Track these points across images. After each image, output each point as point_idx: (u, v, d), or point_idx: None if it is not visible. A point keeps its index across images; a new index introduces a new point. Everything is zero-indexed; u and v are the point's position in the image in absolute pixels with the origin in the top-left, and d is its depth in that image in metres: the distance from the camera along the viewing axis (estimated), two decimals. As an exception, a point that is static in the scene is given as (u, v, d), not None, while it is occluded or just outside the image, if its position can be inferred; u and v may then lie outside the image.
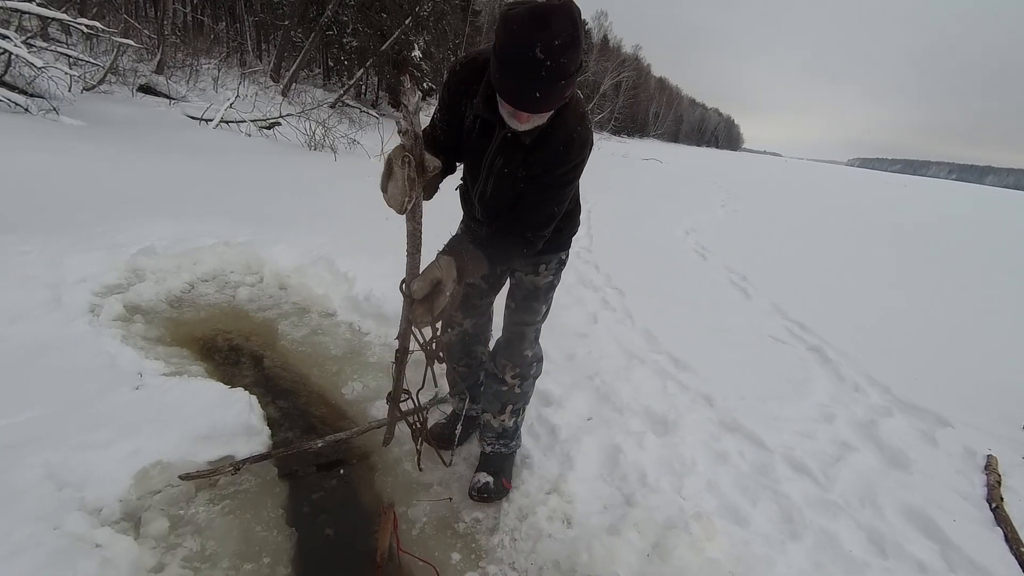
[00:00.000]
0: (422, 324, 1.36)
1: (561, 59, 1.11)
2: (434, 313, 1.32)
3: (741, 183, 17.80)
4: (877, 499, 2.08)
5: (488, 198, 1.55)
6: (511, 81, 1.16)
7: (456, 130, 1.48)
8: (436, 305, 1.32)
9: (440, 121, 1.50)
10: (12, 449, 1.57)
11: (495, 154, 1.43)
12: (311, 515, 1.71)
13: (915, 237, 9.84)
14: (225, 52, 17.11)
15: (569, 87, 1.20)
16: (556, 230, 1.58)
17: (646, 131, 76.16)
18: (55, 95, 7.24)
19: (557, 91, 1.17)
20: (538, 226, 1.46)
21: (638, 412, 2.42)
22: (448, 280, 1.31)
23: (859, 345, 3.62)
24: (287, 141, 9.61)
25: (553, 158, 1.38)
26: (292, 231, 3.98)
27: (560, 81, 1.15)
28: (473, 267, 1.38)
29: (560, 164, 1.39)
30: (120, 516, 1.52)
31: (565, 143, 1.37)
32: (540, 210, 1.45)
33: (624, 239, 5.87)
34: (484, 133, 1.42)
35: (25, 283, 2.57)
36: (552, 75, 1.13)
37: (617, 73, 53.62)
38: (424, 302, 1.32)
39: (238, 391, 2.03)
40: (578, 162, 1.41)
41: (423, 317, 1.33)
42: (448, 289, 1.31)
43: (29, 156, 4.78)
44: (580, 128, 1.38)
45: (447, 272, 1.31)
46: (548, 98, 1.19)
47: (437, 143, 1.53)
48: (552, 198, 1.44)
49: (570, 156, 1.38)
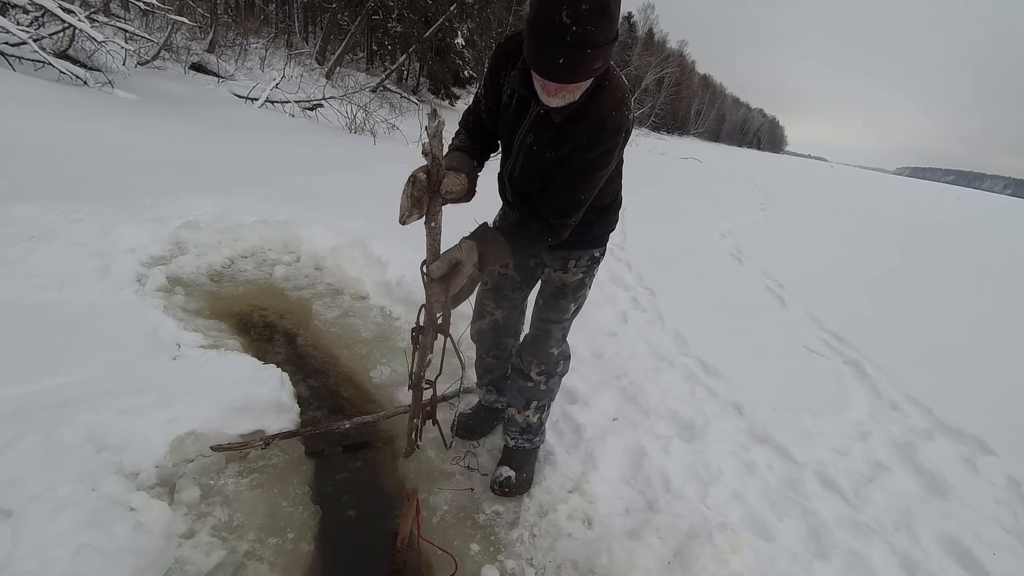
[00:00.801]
0: (437, 304, 1.34)
1: (588, 26, 1.06)
2: (449, 294, 1.31)
3: (782, 186, 17.26)
4: (912, 524, 2.00)
5: (517, 177, 1.52)
6: (537, 47, 1.13)
7: (496, 106, 1.47)
8: (452, 285, 1.30)
9: (483, 97, 1.51)
10: (58, 409, 1.64)
11: (527, 131, 1.40)
12: (335, 495, 1.74)
13: (967, 254, 9.38)
14: (273, 33, 17.44)
15: (597, 59, 1.13)
16: (586, 223, 1.52)
17: (686, 129, 74.57)
18: (112, 69, 7.52)
19: (583, 60, 1.12)
20: (563, 213, 1.41)
21: (665, 416, 2.38)
22: (467, 263, 1.29)
23: (900, 362, 3.47)
24: (328, 123, 9.77)
25: (583, 140, 1.32)
26: (330, 212, 4.04)
27: (586, 50, 1.09)
28: (495, 254, 1.35)
29: (590, 147, 1.33)
30: (156, 482, 1.58)
31: (597, 125, 1.31)
32: (566, 196, 1.39)
33: (658, 238, 5.77)
34: (519, 109, 1.40)
35: (76, 251, 2.68)
36: (578, 41, 1.08)
37: (660, 68, 52.53)
38: (441, 282, 1.30)
39: (271, 367, 2.08)
40: (610, 147, 1.34)
41: (438, 296, 1.32)
42: (466, 272, 1.29)
43: (83, 127, 4.98)
44: (615, 113, 1.32)
45: (467, 255, 1.29)
46: (573, 67, 1.13)
47: (479, 119, 1.55)
48: (580, 184, 1.38)
49: (601, 140, 1.32)
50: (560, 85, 1.20)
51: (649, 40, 56.70)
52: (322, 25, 19.07)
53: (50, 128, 4.72)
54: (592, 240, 1.66)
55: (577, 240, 1.61)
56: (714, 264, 5.33)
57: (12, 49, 6.41)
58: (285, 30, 18.64)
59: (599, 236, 1.68)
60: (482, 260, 1.32)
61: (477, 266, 1.31)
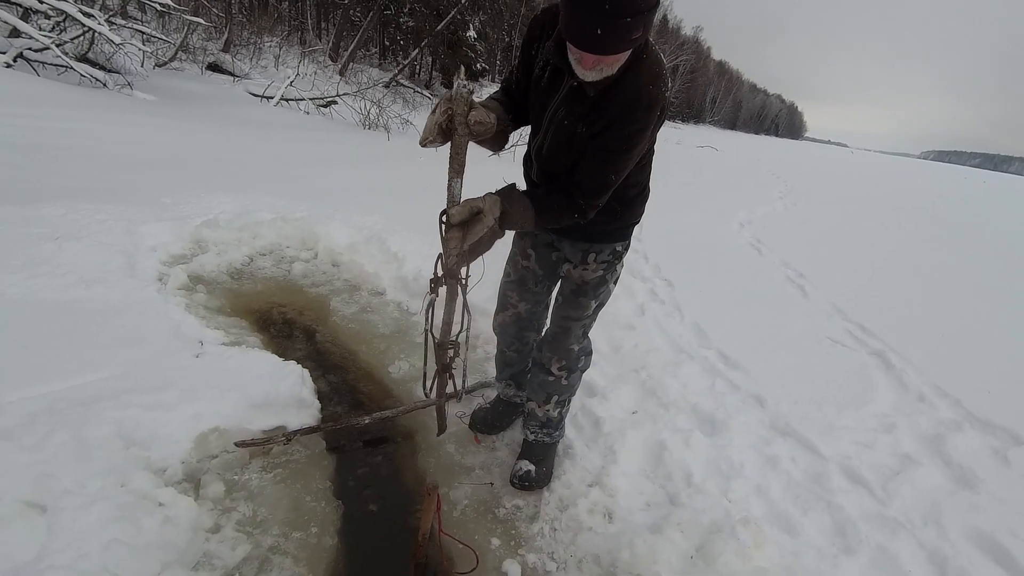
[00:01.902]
0: (453, 251, 1.29)
1: None
2: (466, 242, 1.27)
3: (802, 174, 16.93)
4: (941, 519, 1.95)
5: (545, 153, 1.46)
6: (573, 16, 1.08)
7: (527, 78, 1.44)
8: (471, 234, 1.26)
9: (516, 70, 1.49)
10: (87, 405, 1.68)
11: (559, 105, 1.35)
12: (356, 489, 1.76)
13: (994, 240, 9.11)
14: (287, 31, 17.56)
15: (637, 28, 1.07)
16: (611, 212, 1.47)
17: (702, 117, 73.48)
18: (130, 71, 7.64)
19: (622, 30, 1.06)
20: (592, 193, 1.35)
21: (685, 409, 2.35)
22: (489, 214, 1.26)
23: (926, 352, 3.39)
24: (343, 119, 9.82)
25: (617, 115, 1.26)
26: (346, 208, 4.07)
27: (626, 18, 1.03)
28: (518, 214, 1.31)
29: (624, 123, 1.27)
30: (182, 477, 1.61)
31: (633, 101, 1.25)
32: (596, 175, 1.33)
33: (675, 229, 5.70)
34: (552, 82, 1.36)
35: (102, 250, 2.73)
36: (616, 9, 1.02)
37: (675, 56, 51.79)
38: (459, 228, 1.26)
39: (291, 364, 2.10)
40: (643, 125, 1.28)
41: (455, 244, 1.27)
42: (487, 222, 1.26)
43: (105, 128, 5.07)
44: (652, 88, 1.25)
45: (490, 207, 1.26)
46: (611, 37, 1.07)
47: (509, 92, 1.52)
48: (611, 163, 1.32)
49: (636, 116, 1.26)
50: (598, 57, 1.15)
51: (664, 27, 55.85)
52: (335, 22, 19.13)
53: (74, 130, 4.82)
54: (615, 233, 1.62)
55: (599, 232, 1.58)
56: (733, 255, 5.25)
57: (35, 55, 6.55)
58: (298, 28, 18.75)
59: (622, 229, 1.62)
60: (504, 217, 1.29)
61: (498, 221, 1.28)
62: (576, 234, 1.62)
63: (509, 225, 1.32)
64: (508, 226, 1.32)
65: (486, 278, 1.80)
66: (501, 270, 1.93)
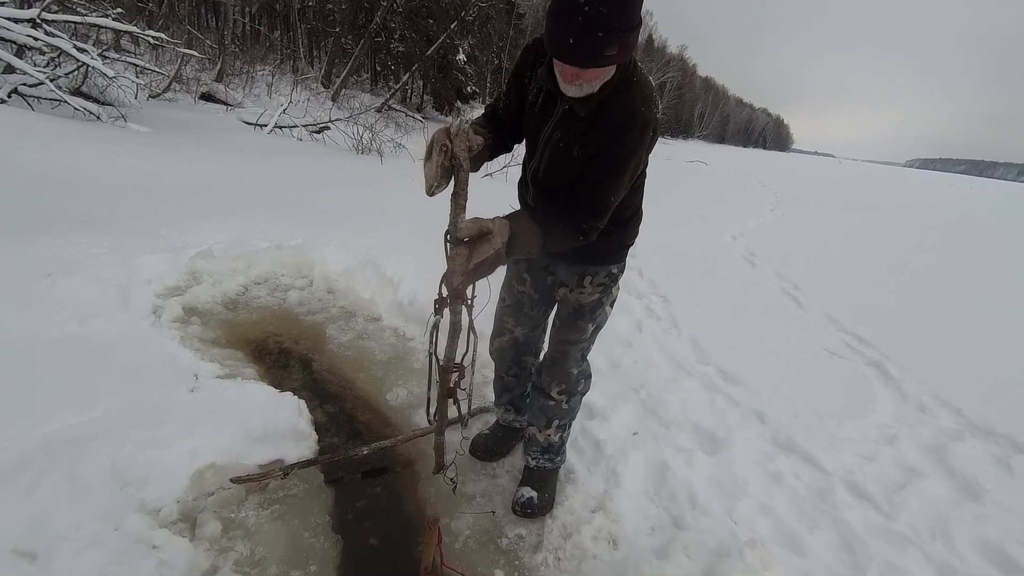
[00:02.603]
0: (458, 269, 1.25)
1: (601, 7, 1.05)
2: (472, 261, 1.24)
3: (791, 186, 17.11)
4: (948, 531, 1.94)
5: (541, 176, 1.48)
6: (551, 27, 1.12)
7: (518, 105, 1.47)
8: (477, 253, 1.24)
9: (504, 96, 1.51)
10: (81, 445, 1.65)
11: (553, 128, 1.38)
12: (356, 522, 1.73)
13: (982, 246, 9.19)
14: (279, 59, 17.79)
15: (610, 45, 1.10)
16: (605, 234, 1.47)
17: (691, 132, 74.50)
18: (124, 103, 7.70)
19: (594, 44, 1.10)
20: (594, 215, 1.36)
21: (686, 427, 2.34)
22: (497, 236, 1.25)
23: (923, 361, 3.39)
24: (336, 145, 9.89)
25: (612, 137, 1.29)
26: (341, 234, 4.07)
27: (598, 32, 1.07)
28: (526, 238, 1.31)
29: (619, 145, 1.30)
30: (177, 517, 1.58)
31: (627, 122, 1.28)
32: (597, 197, 1.35)
33: (668, 244, 5.73)
34: (546, 106, 1.39)
35: (96, 284, 2.72)
36: (590, 22, 1.06)
37: (662, 73, 52.70)
38: (466, 247, 1.25)
39: (287, 395, 2.08)
40: (638, 146, 1.31)
41: (461, 262, 1.24)
42: (494, 244, 1.24)
43: (99, 161, 5.09)
44: (644, 109, 1.29)
45: (499, 229, 1.26)
46: (584, 49, 1.11)
47: (496, 116, 1.54)
48: (609, 184, 1.34)
49: (631, 137, 1.29)
50: (576, 71, 1.18)
51: (649, 46, 56.97)
52: (326, 49, 19.41)
53: (68, 163, 4.83)
54: (609, 255, 1.63)
55: (594, 254, 1.59)
56: (727, 268, 5.27)
57: (30, 90, 6.59)
58: (291, 56, 19.00)
59: (617, 251, 1.63)
60: (512, 241, 1.28)
61: (506, 245, 1.27)
62: (571, 257, 1.62)
63: (515, 251, 1.31)
64: (514, 252, 1.31)
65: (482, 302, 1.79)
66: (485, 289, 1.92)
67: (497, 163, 8.15)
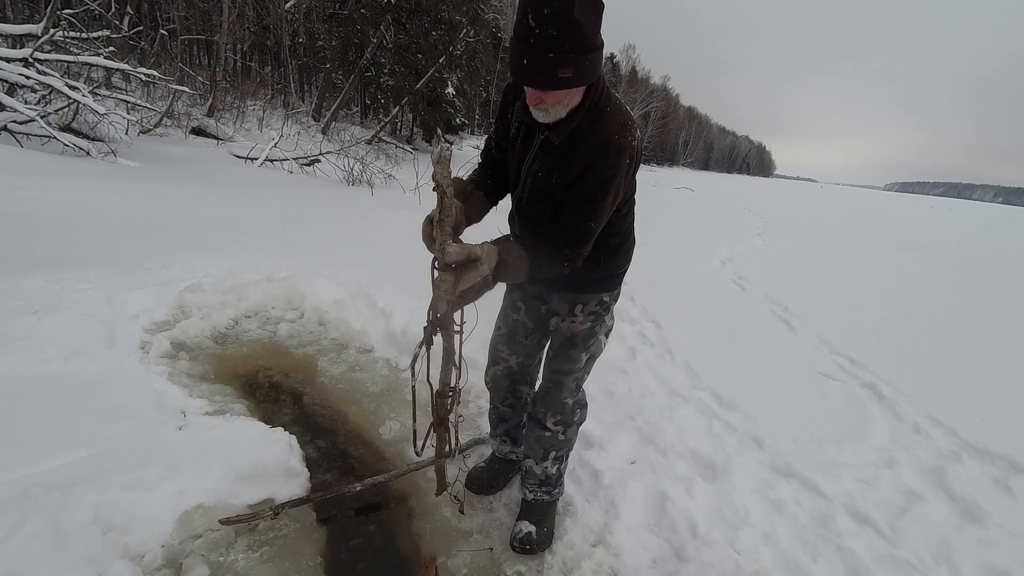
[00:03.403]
0: (445, 295, 1.23)
1: (551, 30, 1.09)
2: (458, 287, 1.23)
3: (776, 210, 17.42)
4: (952, 556, 1.91)
5: (524, 205, 1.51)
6: (512, 52, 1.18)
7: (507, 142, 1.51)
8: (464, 279, 1.23)
9: (494, 135, 1.56)
10: (63, 490, 1.59)
11: (533, 158, 1.42)
12: (350, 563, 1.67)
13: (969, 265, 9.36)
14: (270, 94, 18.03)
15: (563, 66, 1.14)
16: (593, 260, 1.49)
17: (676, 159, 76.07)
18: (114, 138, 7.73)
19: (548, 65, 1.13)
20: (575, 241, 1.38)
21: (684, 455, 2.31)
22: (485, 263, 1.25)
23: (916, 382, 3.41)
24: (327, 177, 9.95)
25: (588, 164, 1.32)
26: (332, 265, 4.06)
27: (548, 54, 1.11)
28: (514, 265, 1.31)
29: (595, 172, 1.32)
30: (162, 562, 1.52)
31: (601, 149, 1.31)
32: (576, 224, 1.37)
33: (659, 269, 5.77)
34: (526, 139, 1.43)
35: (82, 320, 2.67)
36: (540, 45, 1.11)
37: (646, 104, 54.08)
38: (453, 272, 1.23)
39: (278, 431, 2.03)
40: (614, 172, 1.32)
41: (448, 287, 1.22)
42: (482, 271, 1.24)
43: (87, 196, 5.07)
44: (618, 136, 1.31)
45: (488, 256, 1.25)
46: (538, 70, 1.15)
47: (491, 160, 1.59)
48: (588, 210, 1.35)
49: (606, 163, 1.31)
50: (538, 95, 1.23)
51: (633, 77, 58.62)
52: (317, 84, 19.73)
53: (56, 199, 4.81)
54: (600, 283, 1.63)
55: (585, 282, 1.60)
56: (717, 292, 5.31)
57: (20, 127, 6.61)
58: (281, 91, 19.27)
59: (607, 279, 1.63)
60: (500, 267, 1.28)
61: (493, 271, 1.27)
62: (563, 285, 1.63)
63: (503, 277, 1.32)
64: (502, 278, 1.32)
65: (477, 330, 1.76)
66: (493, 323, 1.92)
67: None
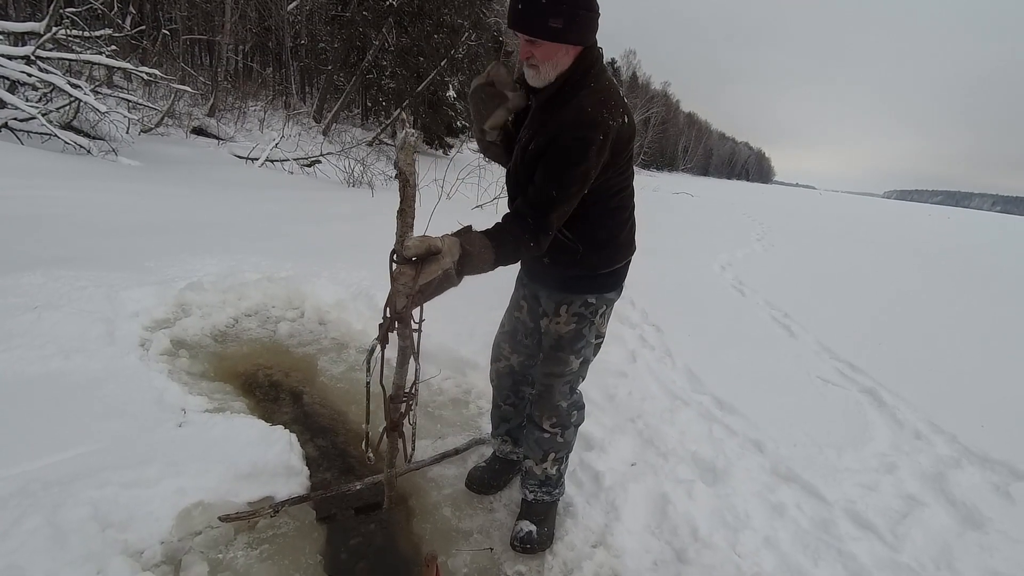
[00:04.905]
0: (403, 289, 1.20)
1: None
2: (418, 282, 1.20)
3: (776, 216, 17.45)
4: (954, 562, 1.90)
5: (510, 174, 1.55)
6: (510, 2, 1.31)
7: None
8: (425, 273, 1.20)
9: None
10: (63, 485, 1.58)
11: (523, 128, 1.48)
12: (349, 562, 1.66)
13: (969, 272, 9.38)
14: (271, 95, 18.06)
15: (555, 17, 1.26)
16: (571, 252, 1.48)
17: (675, 165, 76.28)
18: (115, 137, 7.72)
19: (540, 10, 1.26)
20: (536, 205, 1.34)
21: (684, 458, 2.31)
22: (447, 256, 1.22)
23: (916, 387, 3.40)
24: (327, 178, 9.96)
25: (559, 130, 1.33)
26: (333, 265, 4.05)
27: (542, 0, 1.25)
28: (478, 256, 1.27)
29: (564, 136, 1.32)
30: (161, 559, 1.51)
31: (574, 117, 1.33)
32: (539, 188, 1.35)
33: (659, 274, 5.77)
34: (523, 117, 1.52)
35: (82, 318, 2.66)
36: None
37: (646, 109, 54.26)
38: (412, 266, 1.21)
39: (278, 429, 2.03)
40: (581, 140, 1.31)
41: (407, 281, 1.20)
42: (443, 264, 1.21)
43: (88, 196, 5.07)
44: (592, 109, 1.32)
45: (449, 248, 1.23)
46: (530, 13, 1.27)
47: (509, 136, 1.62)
48: (553, 176, 1.33)
49: (573, 133, 1.31)
50: (529, 48, 1.32)
51: (633, 83, 58.85)
52: (318, 86, 19.75)
53: (56, 198, 4.80)
54: (586, 283, 1.58)
55: (571, 280, 1.58)
56: (717, 297, 5.31)
57: (20, 124, 6.60)
58: (283, 92, 19.29)
59: (592, 279, 1.58)
60: (464, 260, 1.25)
61: (456, 265, 1.24)
62: (551, 283, 1.63)
63: (468, 269, 1.28)
64: (468, 270, 1.28)
65: (475, 332, 1.76)
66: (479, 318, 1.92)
67: (488, 194, 8.24)
